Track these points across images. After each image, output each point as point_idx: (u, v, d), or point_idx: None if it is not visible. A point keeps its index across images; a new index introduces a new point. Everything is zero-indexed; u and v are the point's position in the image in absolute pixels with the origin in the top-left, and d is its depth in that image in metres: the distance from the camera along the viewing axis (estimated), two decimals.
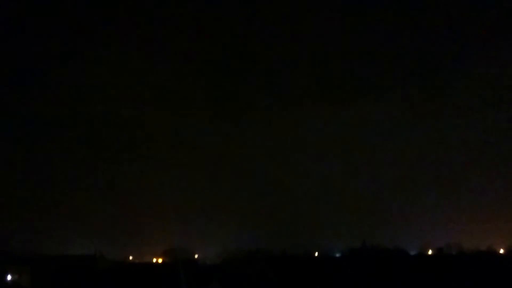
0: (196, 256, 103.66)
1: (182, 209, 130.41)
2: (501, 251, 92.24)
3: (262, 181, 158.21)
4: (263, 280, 43.52)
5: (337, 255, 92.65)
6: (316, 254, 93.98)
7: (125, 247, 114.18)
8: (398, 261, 55.37)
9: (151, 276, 51.59)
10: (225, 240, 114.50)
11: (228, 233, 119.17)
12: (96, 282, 50.41)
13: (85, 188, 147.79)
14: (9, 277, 66.71)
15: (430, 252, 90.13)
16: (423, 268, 46.07)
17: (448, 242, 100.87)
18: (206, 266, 75.76)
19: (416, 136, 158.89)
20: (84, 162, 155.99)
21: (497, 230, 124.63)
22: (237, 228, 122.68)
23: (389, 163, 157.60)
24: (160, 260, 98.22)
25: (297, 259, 57.45)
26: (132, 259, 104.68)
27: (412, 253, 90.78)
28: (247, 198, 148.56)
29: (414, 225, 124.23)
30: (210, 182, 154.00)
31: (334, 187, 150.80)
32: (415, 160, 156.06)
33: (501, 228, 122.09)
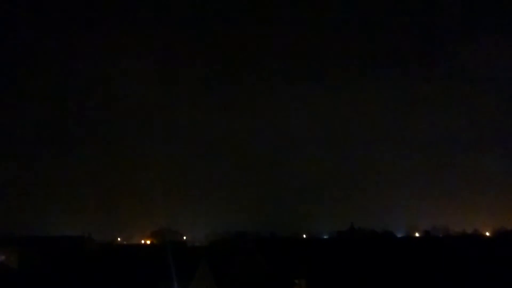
0: (184, 237, 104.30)
1: (170, 191, 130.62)
2: (487, 233, 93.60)
3: (251, 164, 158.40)
4: (251, 262, 43.62)
5: (325, 237, 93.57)
6: (304, 236, 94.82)
7: (114, 228, 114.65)
8: (385, 243, 55.75)
9: (139, 257, 51.57)
10: (214, 222, 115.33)
11: (217, 215, 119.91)
12: (84, 263, 50.29)
13: (74, 171, 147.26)
14: None
15: (417, 234, 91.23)
16: (410, 250, 46.40)
17: (435, 225, 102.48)
18: (194, 247, 76.14)
19: (403, 121, 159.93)
20: (73, 144, 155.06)
21: (483, 213, 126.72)
22: (225, 210, 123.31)
23: (377, 148, 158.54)
24: (148, 242, 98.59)
25: (285, 241, 57.61)
26: (120, 241, 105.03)
27: (399, 235, 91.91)
28: (236, 181, 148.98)
29: (402, 208, 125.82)
30: (199, 166, 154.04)
31: (323, 171, 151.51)
32: (403, 144, 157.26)
33: (487, 212, 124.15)
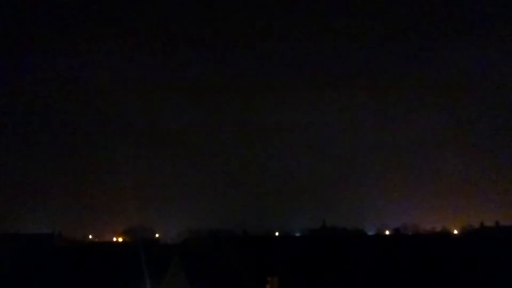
0: (157, 235, 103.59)
1: (143, 188, 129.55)
2: (455, 232, 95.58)
3: (224, 162, 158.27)
4: (224, 260, 43.74)
5: (297, 235, 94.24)
6: (277, 234, 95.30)
7: (84, 225, 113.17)
8: (356, 241, 56.42)
9: (111, 255, 51.10)
10: (186, 220, 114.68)
11: (190, 213, 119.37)
12: (54, 261, 49.59)
13: (43, 167, 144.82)
14: None
15: (387, 232, 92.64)
16: (380, 248, 47.11)
17: (405, 223, 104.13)
18: (167, 245, 75.74)
19: (376, 124, 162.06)
20: (42, 140, 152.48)
21: (452, 212, 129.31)
22: (198, 208, 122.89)
23: (348, 147, 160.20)
24: (120, 239, 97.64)
25: (258, 239, 57.87)
26: (91, 238, 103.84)
27: (370, 233, 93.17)
28: (208, 180, 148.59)
29: (372, 207, 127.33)
30: (172, 163, 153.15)
31: (295, 170, 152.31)
32: (374, 144, 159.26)
33: (455, 211, 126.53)
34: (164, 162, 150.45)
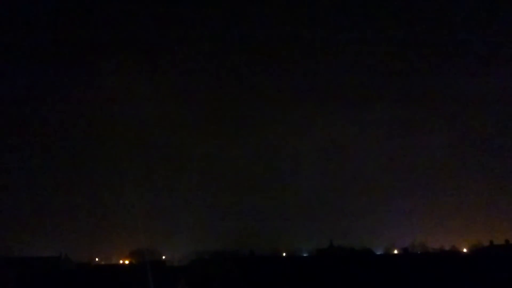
0: (163, 257, 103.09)
1: (149, 211, 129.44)
2: (464, 250, 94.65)
3: (231, 183, 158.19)
4: (230, 281, 43.52)
5: (305, 255, 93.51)
6: (284, 254, 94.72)
7: (91, 248, 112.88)
8: (364, 261, 56.04)
9: (118, 278, 51.01)
10: (193, 242, 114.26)
11: (196, 234, 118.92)
12: (61, 284, 49.55)
13: (50, 190, 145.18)
14: None
15: (395, 251, 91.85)
16: (388, 267, 46.77)
17: (413, 242, 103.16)
18: (174, 267, 75.41)
19: (384, 142, 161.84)
20: (49, 162, 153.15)
21: (460, 230, 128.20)
22: (205, 229, 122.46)
23: (356, 167, 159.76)
24: (127, 262, 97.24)
25: (264, 259, 57.58)
26: (98, 261, 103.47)
27: (378, 252, 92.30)
28: (214, 200, 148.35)
29: (380, 226, 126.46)
30: (178, 185, 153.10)
31: (301, 189, 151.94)
32: (381, 164, 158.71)
33: (464, 229, 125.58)
34: (170, 185, 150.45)
